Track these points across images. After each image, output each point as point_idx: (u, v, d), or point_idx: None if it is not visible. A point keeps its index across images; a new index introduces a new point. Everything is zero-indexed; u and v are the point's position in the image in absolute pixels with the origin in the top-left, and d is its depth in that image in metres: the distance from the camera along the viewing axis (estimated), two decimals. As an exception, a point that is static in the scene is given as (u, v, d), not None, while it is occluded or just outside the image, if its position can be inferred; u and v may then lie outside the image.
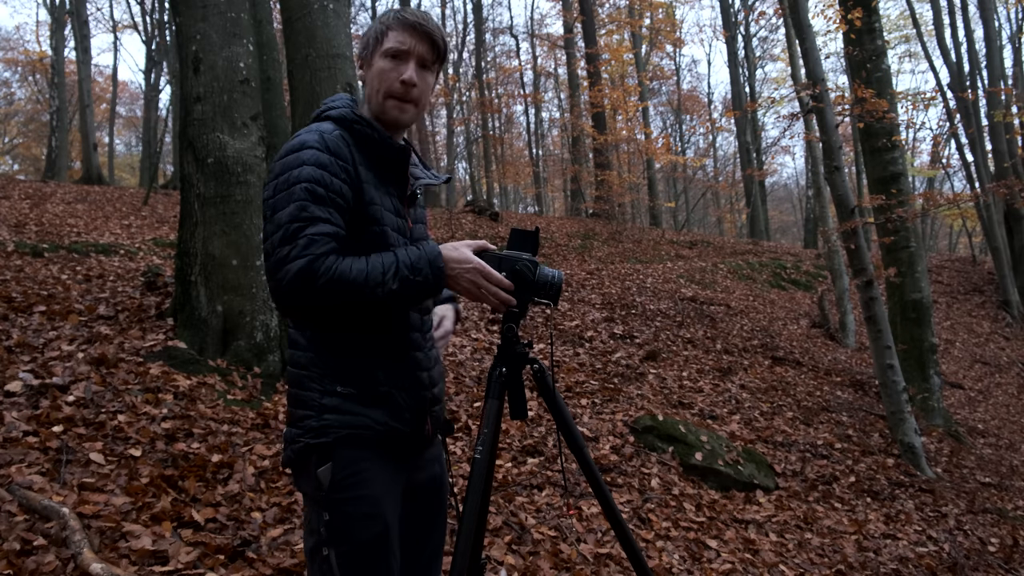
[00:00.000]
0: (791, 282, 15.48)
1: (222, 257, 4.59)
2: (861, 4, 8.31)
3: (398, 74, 1.52)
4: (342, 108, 1.54)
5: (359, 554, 1.43)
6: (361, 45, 1.58)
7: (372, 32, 1.57)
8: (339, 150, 1.46)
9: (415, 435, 1.56)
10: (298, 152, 1.44)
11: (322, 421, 1.45)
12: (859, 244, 6.83)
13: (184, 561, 2.49)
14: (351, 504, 1.43)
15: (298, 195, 1.40)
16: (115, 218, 11.28)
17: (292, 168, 1.43)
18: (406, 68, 1.52)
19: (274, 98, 5.90)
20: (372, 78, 1.55)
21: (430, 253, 1.44)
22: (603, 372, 6.44)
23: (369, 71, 1.56)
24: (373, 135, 1.52)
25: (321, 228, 1.38)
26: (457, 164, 30.44)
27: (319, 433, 1.44)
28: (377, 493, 1.46)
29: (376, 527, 1.44)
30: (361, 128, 1.52)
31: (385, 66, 1.53)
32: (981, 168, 14.89)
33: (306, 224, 1.38)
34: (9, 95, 32.63)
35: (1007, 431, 8.65)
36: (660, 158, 21.84)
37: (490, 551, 3.09)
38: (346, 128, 1.52)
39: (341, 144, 1.47)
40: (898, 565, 4.08)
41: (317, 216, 1.39)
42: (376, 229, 1.49)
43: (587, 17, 20.24)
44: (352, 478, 1.43)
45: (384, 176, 1.55)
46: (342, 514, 1.43)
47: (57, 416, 3.26)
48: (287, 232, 1.37)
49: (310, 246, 1.36)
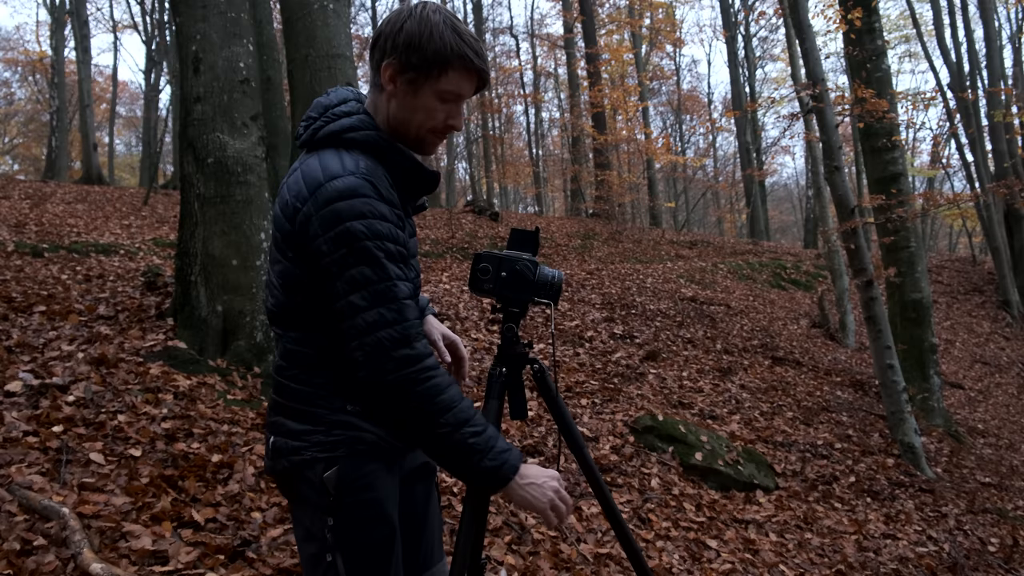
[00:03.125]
0: (791, 282, 15.48)
1: (222, 257, 4.59)
2: (861, 4, 8.31)
3: (446, 115, 1.41)
4: (366, 131, 1.39)
5: (367, 558, 1.41)
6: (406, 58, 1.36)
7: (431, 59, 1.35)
8: (391, 196, 1.35)
9: None
10: (351, 200, 1.29)
11: (332, 436, 1.40)
12: (859, 244, 6.83)
13: (184, 561, 2.49)
14: (359, 508, 1.41)
15: (374, 252, 1.29)
16: (115, 218, 11.28)
17: (352, 219, 1.29)
18: (456, 112, 1.42)
19: (274, 98, 5.91)
20: (416, 109, 1.40)
21: (513, 457, 1.38)
22: (603, 372, 6.44)
23: (410, 97, 1.39)
24: (406, 163, 1.42)
25: (405, 289, 1.31)
26: (457, 164, 30.45)
27: (330, 447, 1.40)
28: (382, 496, 1.44)
29: (384, 530, 1.43)
30: (395, 158, 1.41)
31: (435, 105, 1.39)
32: (981, 168, 14.89)
33: (394, 284, 1.30)
34: (9, 95, 32.66)
35: (1007, 431, 8.65)
36: (660, 158, 21.84)
37: (490, 551, 3.09)
38: (379, 158, 1.39)
39: (386, 185, 1.36)
40: (898, 565, 4.08)
41: (399, 275, 1.31)
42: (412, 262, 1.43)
43: (587, 17, 20.25)
44: (359, 481, 1.41)
45: (405, 199, 1.46)
46: (350, 518, 1.40)
47: (57, 416, 3.26)
48: (375, 293, 1.29)
49: (405, 310, 1.30)
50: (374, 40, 1.42)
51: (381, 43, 1.39)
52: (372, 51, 1.42)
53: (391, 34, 1.36)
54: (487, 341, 6.37)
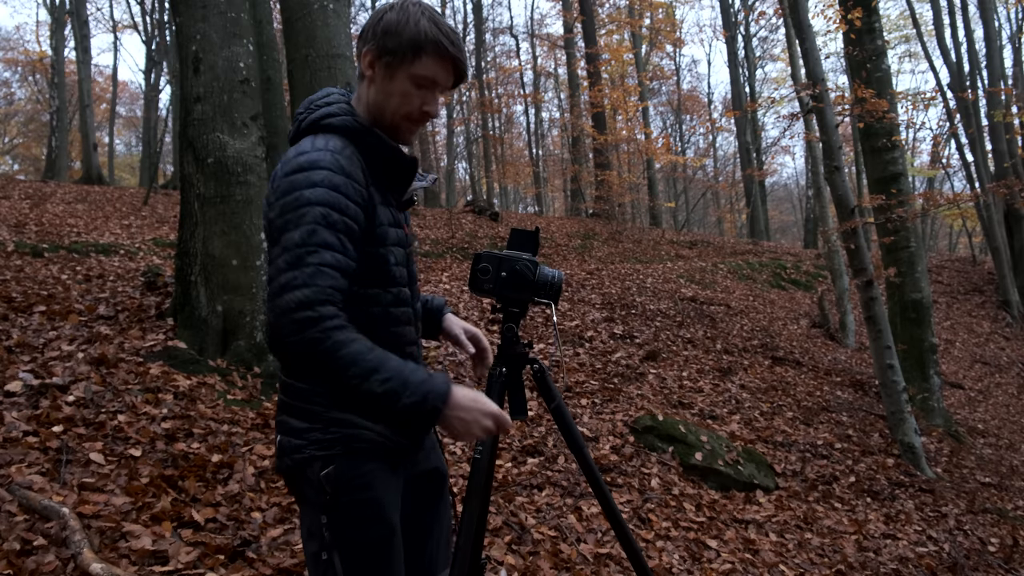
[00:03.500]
0: (791, 282, 15.48)
1: (222, 257, 4.59)
2: (861, 4, 8.31)
3: (422, 102, 1.45)
4: (343, 116, 1.43)
5: (364, 557, 1.41)
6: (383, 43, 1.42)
7: (405, 43, 1.40)
8: (353, 172, 1.37)
9: (418, 443, 1.57)
10: (308, 172, 1.33)
11: (329, 434, 1.42)
12: (859, 244, 6.83)
13: (184, 561, 2.49)
14: (355, 507, 1.41)
15: (311, 217, 1.30)
16: (115, 218, 11.28)
17: (302, 188, 1.32)
18: (431, 99, 1.45)
19: (274, 98, 5.91)
20: (391, 94, 1.44)
21: (435, 385, 1.31)
22: (603, 372, 6.44)
23: (387, 81, 1.43)
24: (383, 148, 1.44)
25: (329, 258, 1.30)
26: (457, 164, 30.46)
27: (327, 445, 1.41)
28: (381, 496, 1.44)
29: (381, 530, 1.43)
30: (371, 140, 1.43)
31: (410, 90, 1.43)
32: (981, 168, 14.89)
33: (315, 251, 1.29)
34: (9, 95, 32.66)
35: (1007, 431, 8.65)
36: (660, 158, 21.84)
37: (490, 551, 3.09)
38: (353, 141, 1.42)
39: (355, 164, 1.39)
40: (898, 565, 4.08)
41: (328, 243, 1.31)
42: (381, 251, 1.43)
43: (587, 17, 20.25)
44: (357, 480, 1.42)
45: (387, 188, 1.49)
46: (346, 517, 1.41)
47: (57, 416, 3.26)
48: (294, 257, 1.29)
49: (316, 277, 1.28)
50: (360, 34, 1.48)
51: (364, 33, 1.45)
52: (358, 44, 1.48)
53: (373, 23, 1.44)
54: (487, 341, 6.36)
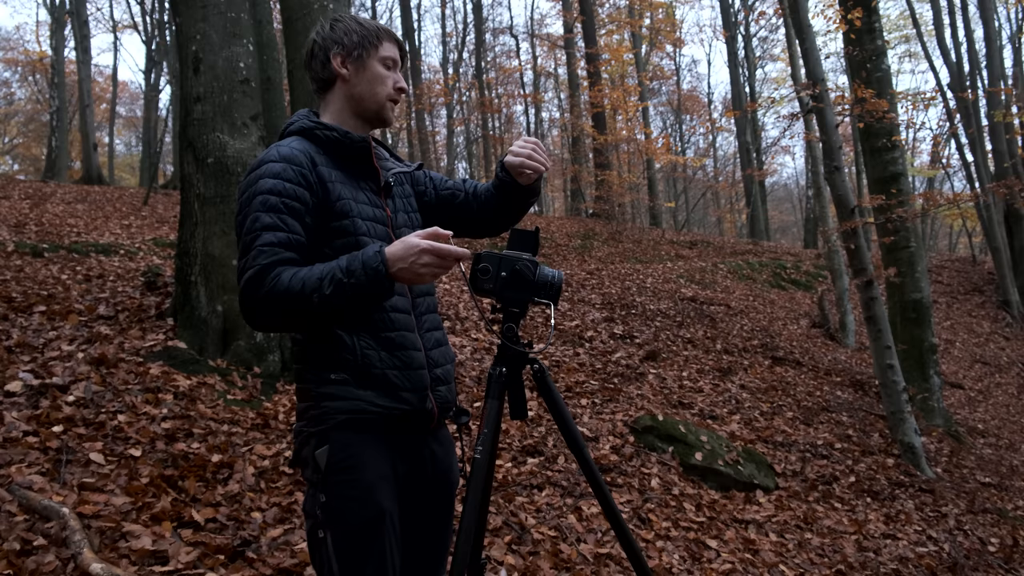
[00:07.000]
0: (791, 282, 15.48)
1: (222, 257, 4.59)
2: (861, 4, 8.31)
3: (393, 81, 1.65)
4: (300, 120, 1.62)
5: (353, 537, 1.46)
6: (346, 42, 1.62)
7: (364, 35, 1.63)
8: (293, 156, 1.52)
9: (418, 415, 1.58)
10: (256, 170, 1.51)
11: (320, 409, 1.49)
12: (859, 244, 6.83)
13: (184, 561, 2.49)
14: (345, 487, 1.47)
15: (254, 207, 1.46)
16: (115, 218, 11.28)
17: (252, 185, 1.50)
18: (398, 76, 1.67)
19: (274, 98, 5.91)
20: (370, 79, 1.63)
21: (365, 254, 1.41)
22: (603, 372, 6.44)
23: (363, 72, 1.63)
24: (333, 134, 1.59)
25: (269, 237, 1.44)
26: (457, 164, 30.41)
27: (318, 420, 1.49)
28: (370, 478, 1.48)
29: (368, 511, 1.47)
30: (321, 132, 1.59)
31: (382, 72, 1.64)
32: (981, 168, 14.89)
33: (257, 235, 1.44)
34: (9, 95, 32.65)
35: (1007, 431, 8.65)
36: (660, 158, 21.84)
37: (490, 551, 3.09)
38: (307, 136, 1.59)
39: (296, 150, 1.53)
40: (898, 565, 4.08)
41: (267, 225, 1.45)
42: (345, 223, 1.53)
43: (587, 17, 20.23)
44: (347, 461, 1.47)
45: (354, 171, 1.62)
46: (337, 496, 1.46)
47: (57, 416, 3.26)
48: (243, 245, 1.45)
49: (258, 257, 1.42)
50: (308, 60, 1.66)
51: (316, 53, 1.64)
52: (310, 67, 1.66)
53: (321, 42, 1.63)
54: (487, 341, 6.37)
